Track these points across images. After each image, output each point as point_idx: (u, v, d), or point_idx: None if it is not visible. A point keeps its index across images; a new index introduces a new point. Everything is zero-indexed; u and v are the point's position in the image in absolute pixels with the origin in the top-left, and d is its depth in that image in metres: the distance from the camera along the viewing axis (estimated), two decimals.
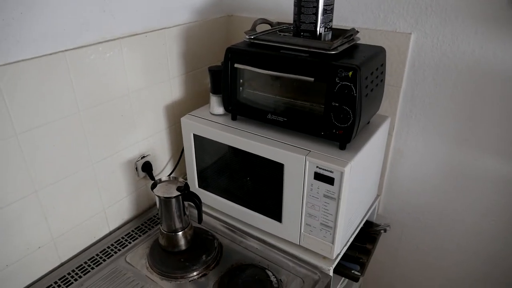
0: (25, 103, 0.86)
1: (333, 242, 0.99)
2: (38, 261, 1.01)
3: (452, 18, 0.99)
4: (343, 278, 1.23)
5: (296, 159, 0.94)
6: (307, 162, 0.93)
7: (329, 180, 0.91)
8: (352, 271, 1.15)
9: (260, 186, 1.06)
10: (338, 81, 0.87)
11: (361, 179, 1.04)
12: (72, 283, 1.01)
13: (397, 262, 1.42)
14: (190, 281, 1.01)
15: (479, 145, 1.08)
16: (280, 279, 1.01)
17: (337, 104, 0.89)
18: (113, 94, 1.06)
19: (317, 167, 0.92)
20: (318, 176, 0.92)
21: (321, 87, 0.91)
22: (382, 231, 1.31)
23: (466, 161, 1.11)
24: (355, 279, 1.15)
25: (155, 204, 1.29)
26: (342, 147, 0.94)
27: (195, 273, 1.03)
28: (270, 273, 1.01)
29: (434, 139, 1.15)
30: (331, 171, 0.90)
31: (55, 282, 1.01)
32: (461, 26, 0.99)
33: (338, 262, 1.07)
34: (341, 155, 0.92)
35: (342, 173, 0.88)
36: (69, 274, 1.03)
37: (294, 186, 0.98)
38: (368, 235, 1.29)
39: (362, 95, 0.87)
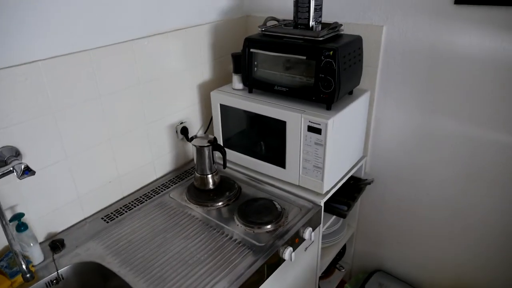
0: (108, 76, 1.26)
1: (322, 180, 1.34)
2: (108, 192, 1.40)
3: (412, 13, 1.33)
4: (333, 216, 1.57)
5: (295, 117, 1.30)
6: (302, 119, 1.28)
7: (318, 131, 1.26)
8: (340, 209, 1.49)
9: (269, 141, 1.43)
10: (323, 58, 1.22)
11: (344, 133, 1.38)
12: (132, 208, 1.40)
13: (383, 213, 1.75)
14: (216, 208, 1.38)
15: (441, 111, 1.40)
16: (284, 207, 1.36)
17: (323, 76, 1.24)
18: (161, 74, 1.45)
19: (309, 121, 1.27)
20: (310, 128, 1.28)
21: (311, 64, 1.26)
22: (368, 183, 1.65)
23: (433, 125, 1.44)
24: (342, 215, 1.49)
25: (190, 160, 1.68)
26: (328, 107, 1.30)
27: (220, 203, 1.40)
28: (276, 203, 1.37)
29: (406, 109, 1.48)
30: (319, 124, 1.25)
31: (121, 208, 1.40)
32: (419, 19, 1.32)
33: (330, 204, 1.42)
34: (326, 113, 1.27)
35: (326, 125, 1.24)
36: (129, 203, 1.43)
37: (293, 138, 1.33)
38: (356, 187, 1.63)
39: (341, 69, 1.22)
